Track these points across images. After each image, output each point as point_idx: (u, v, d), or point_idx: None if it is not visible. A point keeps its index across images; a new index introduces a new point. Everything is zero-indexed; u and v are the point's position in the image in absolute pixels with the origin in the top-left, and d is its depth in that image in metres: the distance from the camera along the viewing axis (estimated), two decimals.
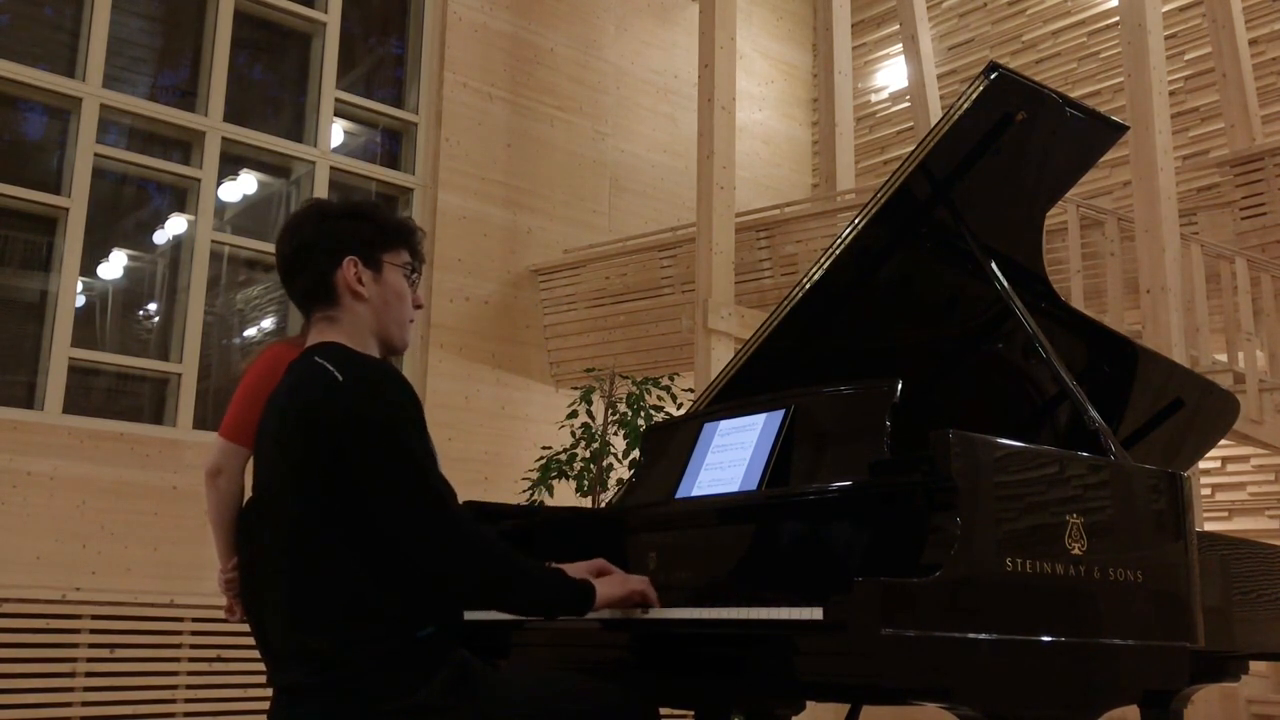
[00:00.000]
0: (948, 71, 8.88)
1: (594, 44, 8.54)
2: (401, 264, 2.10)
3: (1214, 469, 7.10)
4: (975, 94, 2.42)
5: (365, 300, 2.04)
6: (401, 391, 1.93)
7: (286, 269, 2.09)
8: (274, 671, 1.98)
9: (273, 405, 2.04)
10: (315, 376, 1.93)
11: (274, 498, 1.99)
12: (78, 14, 6.45)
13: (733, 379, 2.83)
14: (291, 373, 2.02)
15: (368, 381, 1.91)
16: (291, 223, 2.11)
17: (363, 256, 2.05)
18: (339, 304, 2.04)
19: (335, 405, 1.88)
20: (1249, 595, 2.63)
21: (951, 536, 1.85)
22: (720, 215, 6.59)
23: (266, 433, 2.04)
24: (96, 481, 5.77)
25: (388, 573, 1.87)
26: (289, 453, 1.93)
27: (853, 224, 2.64)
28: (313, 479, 1.88)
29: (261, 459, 2.06)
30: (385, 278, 2.07)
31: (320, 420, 1.88)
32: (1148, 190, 5.72)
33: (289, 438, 1.93)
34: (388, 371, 1.96)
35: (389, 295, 2.07)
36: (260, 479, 2.07)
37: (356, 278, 2.03)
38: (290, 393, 1.98)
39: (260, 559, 2.40)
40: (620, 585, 2.07)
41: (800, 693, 2.47)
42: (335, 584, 1.86)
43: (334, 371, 1.91)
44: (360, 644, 1.83)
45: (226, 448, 2.75)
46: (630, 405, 6.43)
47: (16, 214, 6.16)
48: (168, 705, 5.56)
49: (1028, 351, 2.77)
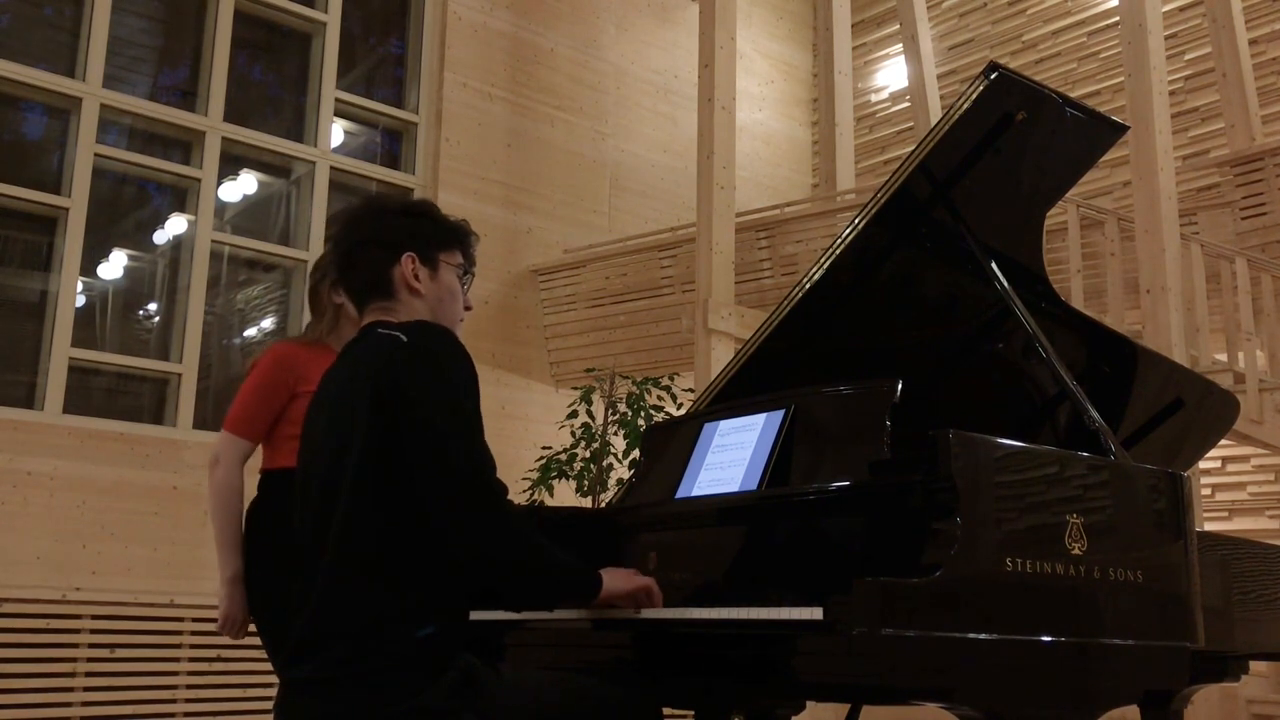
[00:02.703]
0: (948, 71, 8.88)
1: (594, 44, 8.54)
2: (456, 264, 2.15)
3: (1214, 469, 7.10)
4: (975, 94, 2.42)
5: (421, 296, 2.09)
6: (462, 355, 1.96)
7: (344, 262, 2.13)
8: (284, 664, 1.98)
9: (333, 376, 2.08)
10: (380, 340, 1.98)
11: (320, 481, 1.99)
12: (78, 14, 6.45)
13: (733, 379, 2.83)
14: (352, 347, 2.07)
15: (430, 345, 1.95)
16: (350, 217, 2.16)
17: (421, 254, 2.09)
18: (395, 298, 2.08)
19: (399, 361, 1.92)
20: (1249, 595, 2.63)
21: (951, 536, 1.85)
22: (720, 215, 6.59)
23: (322, 406, 2.06)
24: (96, 481, 5.77)
25: (416, 566, 1.88)
26: (345, 417, 1.94)
27: (853, 224, 2.64)
28: (365, 443, 1.89)
29: (309, 441, 2.07)
30: (441, 276, 2.12)
31: (384, 377, 1.91)
32: (1148, 190, 5.72)
33: (351, 399, 1.94)
34: (450, 334, 2.00)
35: (443, 293, 2.12)
36: (305, 463, 2.07)
37: (414, 274, 2.08)
38: (355, 360, 2.02)
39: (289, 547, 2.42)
40: (626, 580, 2.08)
41: (800, 693, 2.47)
42: (368, 578, 1.87)
43: (399, 334, 1.96)
44: (374, 643, 1.84)
45: (227, 439, 2.76)
46: (630, 405, 6.43)
47: (16, 214, 6.16)
48: (168, 705, 5.57)
49: (1028, 351, 2.76)
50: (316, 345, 2.81)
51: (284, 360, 2.76)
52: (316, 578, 1.93)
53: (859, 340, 2.87)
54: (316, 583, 1.92)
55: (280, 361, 2.75)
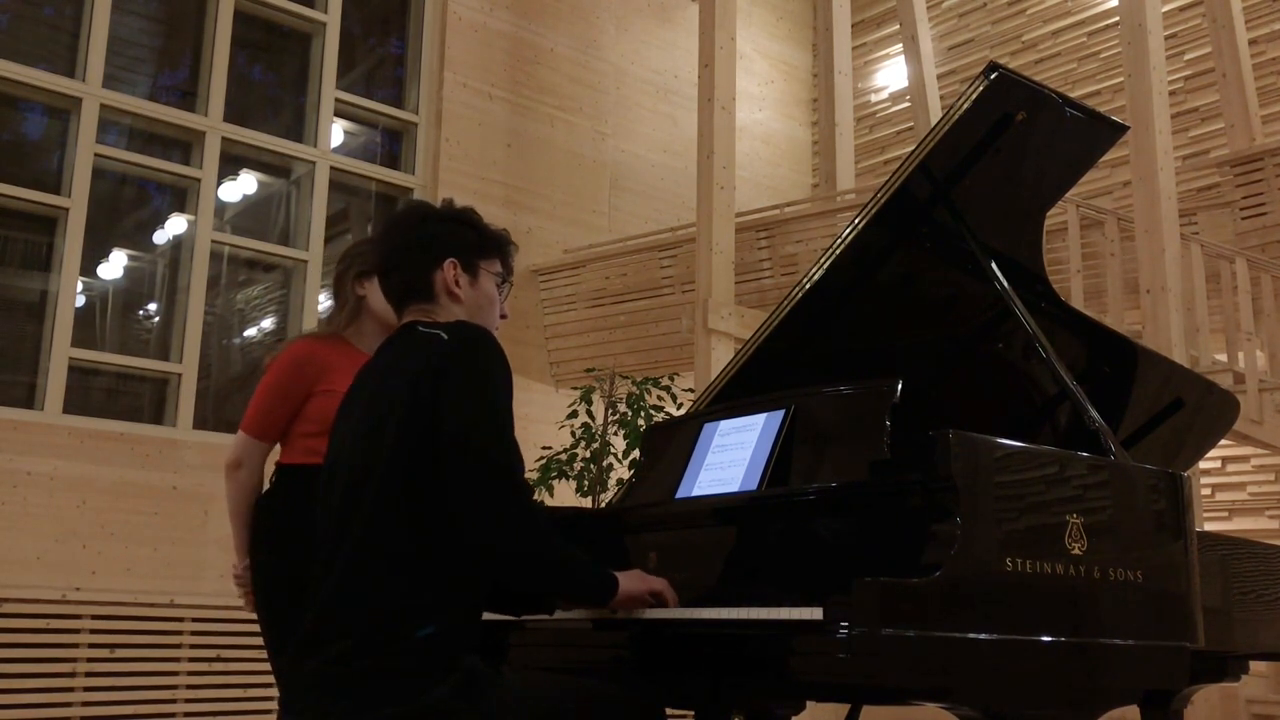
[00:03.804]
0: (948, 71, 8.88)
1: (594, 44, 8.54)
2: (496, 272, 2.21)
3: (1214, 469, 7.10)
4: (975, 94, 2.42)
5: (460, 302, 2.14)
6: (500, 356, 2.00)
7: (386, 263, 2.17)
8: (293, 659, 1.98)
9: (370, 369, 2.13)
10: (421, 337, 2.03)
11: (348, 470, 2.00)
12: (78, 14, 6.45)
13: (733, 379, 2.83)
14: (391, 342, 2.11)
15: (471, 339, 1.99)
16: (396, 220, 2.21)
17: (462, 260, 2.15)
18: (435, 301, 2.12)
19: (437, 356, 1.96)
20: (1249, 595, 2.63)
21: (951, 536, 1.85)
22: (720, 215, 6.59)
23: (357, 398, 2.09)
24: (96, 481, 5.77)
25: (435, 563, 1.89)
26: (380, 408, 1.97)
27: (853, 224, 2.64)
28: (400, 434, 1.91)
29: (341, 432, 2.10)
30: (480, 283, 2.17)
31: (423, 370, 1.94)
32: (1148, 190, 5.72)
33: (388, 392, 1.98)
34: (490, 334, 2.04)
35: (482, 300, 2.17)
36: (334, 454, 2.09)
37: (455, 279, 2.13)
38: (394, 354, 2.07)
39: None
40: (641, 581, 2.09)
41: (800, 693, 2.47)
42: (386, 572, 1.88)
43: (439, 332, 2.02)
44: (382, 638, 1.85)
45: (248, 442, 2.75)
46: (630, 405, 6.43)
47: (16, 214, 6.16)
48: (168, 705, 5.56)
49: (1028, 352, 2.76)
50: (335, 340, 2.80)
51: (302, 359, 2.75)
52: (333, 569, 1.94)
53: (859, 340, 2.86)
54: (332, 575, 1.94)
55: (298, 360, 2.75)
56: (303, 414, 2.72)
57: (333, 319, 2.86)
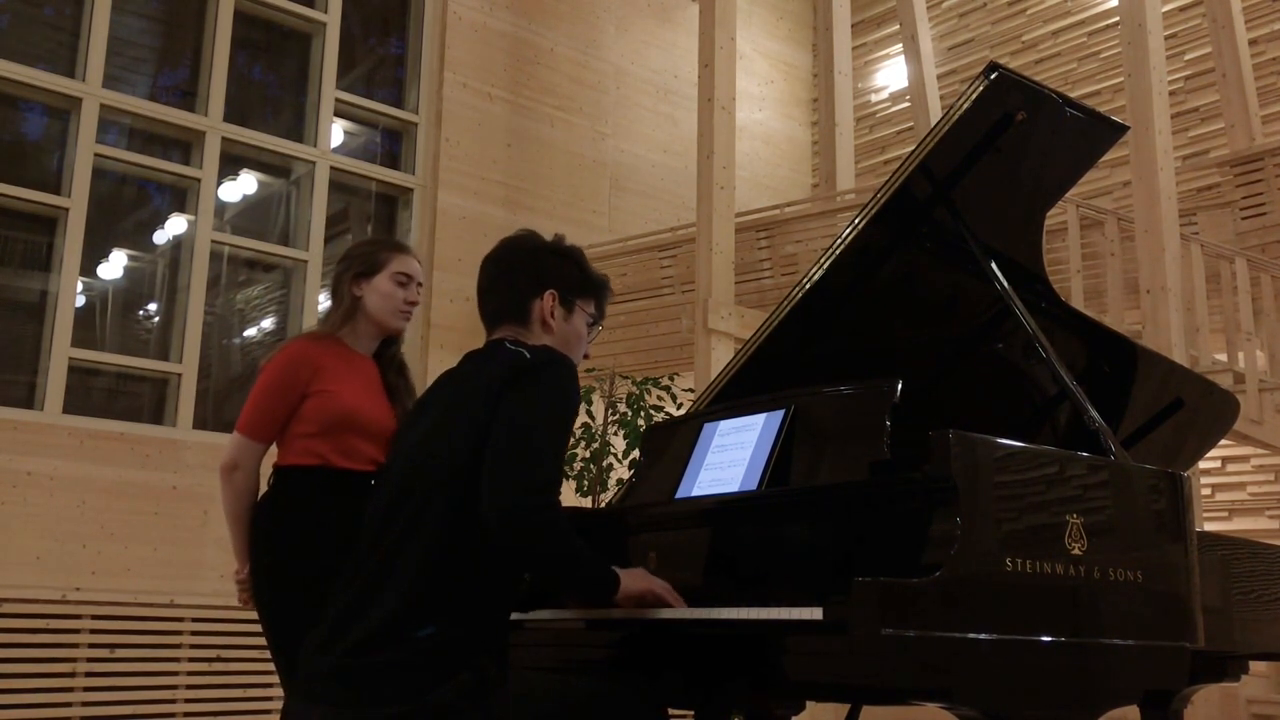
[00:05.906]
0: (948, 71, 8.88)
1: (594, 44, 8.54)
2: (589, 312, 2.28)
3: (1214, 469, 7.10)
4: (975, 94, 2.42)
5: (551, 332, 2.21)
6: (576, 385, 2.08)
7: (488, 284, 2.25)
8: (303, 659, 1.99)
9: (450, 376, 2.20)
10: (506, 351, 2.11)
11: (404, 467, 2.06)
12: (78, 14, 6.45)
13: (733, 379, 2.83)
14: (476, 354, 2.19)
15: (553, 360, 2.07)
16: (504, 246, 2.28)
17: (562, 294, 2.23)
18: (528, 327, 2.20)
19: (515, 369, 2.04)
20: (1249, 595, 2.63)
21: (951, 536, 1.85)
22: (720, 215, 6.59)
23: (430, 402, 2.17)
24: (96, 481, 5.77)
25: (464, 567, 1.93)
26: (452, 414, 2.05)
27: (853, 224, 2.64)
28: (467, 436, 1.97)
29: (405, 435, 2.17)
30: (574, 319, 2.25)
31: (498, 378, 2.01)
32: (1148, 190, 5.72)
33: (465, 398, 2.05)
34: (572, 364, 2.12)
35: (571, 335, 2.24)
36: (394, 455, 2.17)
37: (551, 310, 2.21)
38: (476, 364, 2.14)
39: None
40: (642, 580, 2.10)
41: (800, 693, 2.47)
42: (416, 573, 1.92)
43: (523, 351, 2.10)
44: (390, 639, 1.87)
45: (244, 443, 2.73)
46: (630, 405, 6.42)
47: (16, 214, 6.16)
48: (168, 705, 5.56)
49: (1028, 351, 2.76)
50: (330, 341, 2.79)
51: (297, 360, 2.74)
52: (365, 569, 1.97)
53: (859, 340, 2.86)
54: (362, 573, 1.97)
55: (293, 361, 2.74)
56: (299, 415, 2.71)
57: (328, 319, 2.86)
